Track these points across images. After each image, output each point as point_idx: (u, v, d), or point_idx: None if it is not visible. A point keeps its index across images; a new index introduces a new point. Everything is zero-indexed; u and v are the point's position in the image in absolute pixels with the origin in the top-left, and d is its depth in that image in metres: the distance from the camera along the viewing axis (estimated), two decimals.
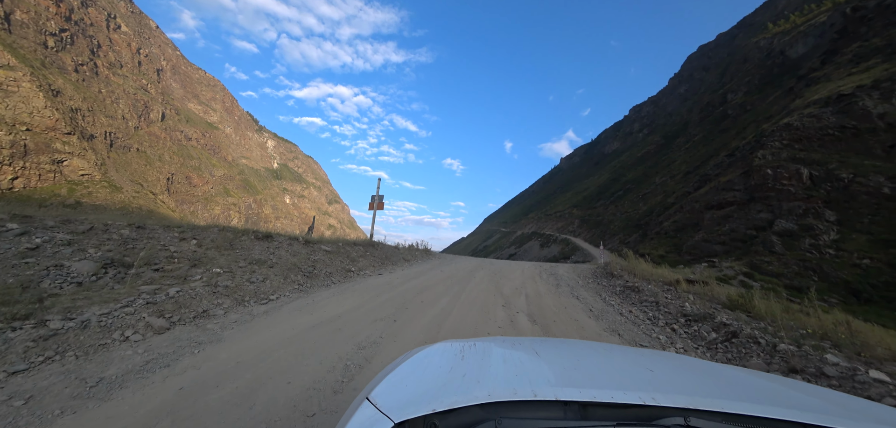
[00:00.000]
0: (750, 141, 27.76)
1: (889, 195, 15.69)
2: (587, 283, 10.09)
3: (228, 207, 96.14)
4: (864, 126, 19.25)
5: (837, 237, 14.87)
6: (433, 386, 0.92)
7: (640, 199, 56.37)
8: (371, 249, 11.68)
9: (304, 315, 4.75)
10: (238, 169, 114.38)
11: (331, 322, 4.55)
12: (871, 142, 18.60)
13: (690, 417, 0.78)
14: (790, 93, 42.27)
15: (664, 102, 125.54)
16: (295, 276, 6.75)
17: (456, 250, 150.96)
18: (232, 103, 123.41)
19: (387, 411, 0.78)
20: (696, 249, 19.44)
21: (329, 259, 8.86)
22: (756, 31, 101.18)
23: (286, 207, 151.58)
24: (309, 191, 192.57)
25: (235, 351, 3.44)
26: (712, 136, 62.70)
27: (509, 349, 1.25)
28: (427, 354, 1.19)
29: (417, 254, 13.86)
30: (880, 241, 14.13)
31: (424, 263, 11.77)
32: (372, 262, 10.09)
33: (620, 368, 1.19)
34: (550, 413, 0.78)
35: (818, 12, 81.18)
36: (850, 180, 16.98)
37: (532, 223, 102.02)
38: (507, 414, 0.76)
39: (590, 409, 0.79)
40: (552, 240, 66.12)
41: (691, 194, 28.07)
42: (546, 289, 8.61)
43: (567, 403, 0.80)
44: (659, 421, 0.77)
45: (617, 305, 7.34)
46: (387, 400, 0.84)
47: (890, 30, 27.68)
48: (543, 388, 0.84)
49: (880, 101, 19.78)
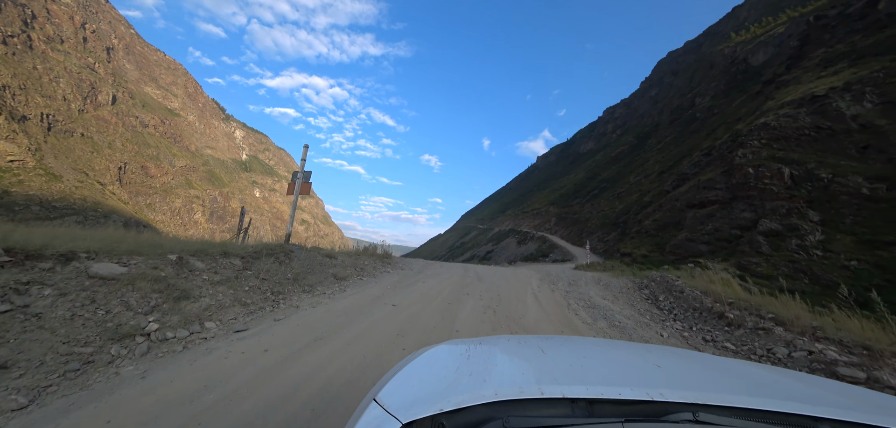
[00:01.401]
0: (726, 140, 28.10)
1: (868, 196, 15.78)
2: (644, 315, 6.77)
3: (191, 201, 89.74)
4: (838, 127, 19.54)
5: (823, 238, 14.74)
6: (440, 386, 0.90)
7: (616, 198, 57.28)
8: (279, 261, 6.61)
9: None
10: (202, 160, 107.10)
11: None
12: (846, 142, 18.87)
13: (699, 412, 0.77)
14: (757, 96, 43.94)
15: (636, 105, 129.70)
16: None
17: (432, 248, 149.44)
18: (196, 89, 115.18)
19: (394, 412, 0.77)
20: (679, 249, 19.08)
21: (211, 287, 4.69)
22: (720, 39, 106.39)
23: (255, 201, 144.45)
24: (280, 184, 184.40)
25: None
26: (683, 138, 64.85)
27: (515, 347, 1.23)
28: (433, 354, 1.18)
29: (366, 264, 8.89)
30: (865, 241, 14.07)
31: (371, 286, 7.10)
32: (260, 296, 5.10)
33: (627, 363, 1.17)
34: (558, 410, 0.78)
35: (775, 24, 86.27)
36: (829, 180, 17.04)
37: (509, 220, 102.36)
38: (514, 412, 0.76)
39: (597, 405, 0.79)
40: (529, 237, 66.16)
41: (670, 193, 28.11)
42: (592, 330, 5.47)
43: (574, 400, 0.79)
44: (667, 417, 0.76)
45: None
46: (394, 400, 0.83)
47: (852, 37, 28.81)
48: (550, 385, 0.83)
49: (852, 103, 20.19)
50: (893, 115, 18.68)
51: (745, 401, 0.81)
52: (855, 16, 31.24)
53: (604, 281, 10.21)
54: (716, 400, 0.80)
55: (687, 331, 5.94)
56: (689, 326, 6.17)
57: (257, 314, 4.57)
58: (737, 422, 0.77)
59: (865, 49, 25.91)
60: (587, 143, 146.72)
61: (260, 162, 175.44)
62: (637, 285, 9.42)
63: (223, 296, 4.63)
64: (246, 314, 4.48)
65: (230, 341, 3.64)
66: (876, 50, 25.03)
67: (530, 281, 9.57)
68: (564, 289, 8.71)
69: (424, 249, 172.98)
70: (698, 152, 39.98)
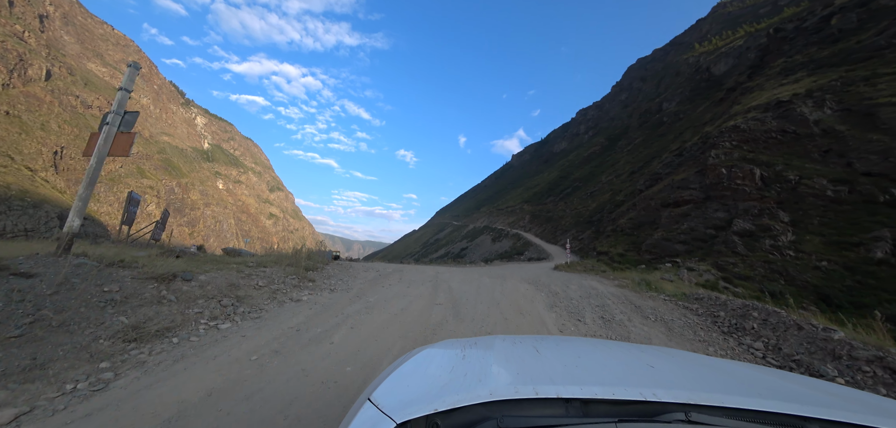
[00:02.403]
0: (696, 142, 28.80)
1: (833, 198, 16.29)
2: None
3: (143, 191, 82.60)
4: (802, 131, 20.26)
5: (794, 238, 14.98)
6: (435, 386, 0.90)
7: (589, 197, 58.41)
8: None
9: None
10: (157, 147, 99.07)
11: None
12: (810, 146, 19.57)
13: (691, 411, 0.78)
14: (721, 102, 46.02)
15: (608, 107, 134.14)
16: None
17: (406, 244, 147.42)
18: (150, 69, 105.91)
19: (389, 412, 0.78)
20: (656, 248, 19.05)
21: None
22: (685, 49, 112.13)
23: (218, 193, 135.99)
24: (247, 176, 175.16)
25: None
26: (651, 140, 67.34)
27: (510, 347, 1.24)
28: (428, 355, 1.18)
29: (250, 292, 5.34)
30: (832, 242, 14.40)
31: (194, 361, 3.24)
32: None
33: (621, 364, 1.18)
34: (552, 410, 0.79)
35: (734, 38, 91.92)
36: (797, 182, 17.51)
37: (484, 217, 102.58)
38: (509, 412, 0.76)
39: (591, 405, 0.80)
40: (504, 234, 66.24)
41: (644, 192, 28.48)
42: None
43: (569, 400, 0.80)
44: (660, 416, 0.77)
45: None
46: (389, 400, 0.84)
47: (809, 49, 30.45)
48: (545, 385, 0.84)
49: (815, 109, 21.03)
50: (851, 121, 19.58)
51: (736, 401, 0.82)
52: (811, 29, 33.14)
53: (626, 299, 7.47)
54: (707, 400, 0.82)
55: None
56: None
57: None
58: (728, 421, 0.78)
59: (822, 60, 27.38)
60: (560, 143, 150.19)
61: (224, 152, 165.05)
62: (682, 309, 6.84)
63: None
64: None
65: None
66: (831, 61, 26.48)
67: (534, 305, 6.44)
68: (596, 317, 5.98)
69: (398, 245, 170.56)
70: (668, 154, 41.24)
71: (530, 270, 14.16)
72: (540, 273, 12.40)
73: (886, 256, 13.01)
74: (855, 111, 19.75)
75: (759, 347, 4.94)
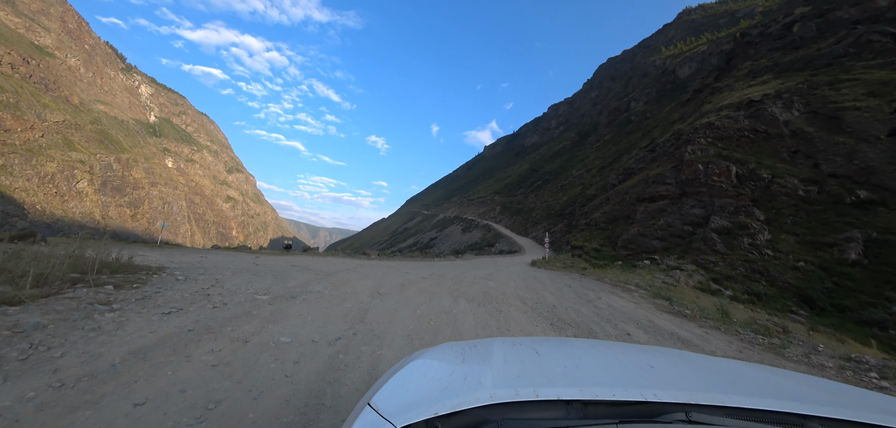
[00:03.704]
0: (669, 138, 28.85)
1: (804, 197, 16.28)
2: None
3: (71, 166, 73.25)
4: (773, 131, 20.39)
5: (771, 237, 14.70)
6: (435, 389, 0.89)
7: (560, 190, 58.72)
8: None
9: None
10: (90, 116, 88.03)
11: None
12: (779, 146, 19.70)
13: (692, 412, 0.78)
14: (687, 103, 47.39)
15: (578, 104, 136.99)
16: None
17: (374, 233, 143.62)
18: (80, 26, 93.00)
19: (389, 416, 0.77)
20: (632, 243, 18.43)
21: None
22: (652, 52, 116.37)
23: (167, 172, 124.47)
24: (201, 155, 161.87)
25: None
26: (620, 137, 68.93)
27: (510, 349, 1.23)
28: (428, 358, 1.18)
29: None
30: (806, 242, 14.24)
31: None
32: None
33: (621, 365, 1.17)
34: (553, 412, 0.78)
35: (697, 44, 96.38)
36: (770, 181, 17.43)
37: (455, 207, 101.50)
38: (509, 415, 0.76)
39: (592, 407, 0.79)
40: (474, 225, 65.40)
41: (617, 186, 28.19)
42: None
43: (569, 401, 0.80)
44: (661, 417, 0.77)
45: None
46: (388, 405, 0.83)
47: (773, 53, 31.41)
48: (545, 387, 0.83)
49: (784, 110, 21.26)
50: (818, 123, 19.91)
51: (736, 400, 0.81)
52: (775, 35, 34.32)
53: (670, 333, 5.32)
54: (708, 400, 0.81)
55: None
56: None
57: None
58: (729, 421, 0.78)
59: (786, 64, 28.21)
60: (532, 137, 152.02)
61: (174, 127, 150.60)
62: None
63: None
64: None
65: None
66: (795, 66, 27.29)
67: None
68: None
69: (366, 234, 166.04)
70: (638, 150, 41.79)
71: (506, 268, 12.69)
72: (520, 274, 10.87)
73: (859, 257, 12.91)
74: (821, 114, 20.11)
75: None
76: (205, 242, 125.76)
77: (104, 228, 74.52)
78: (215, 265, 7.36)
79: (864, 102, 18.71)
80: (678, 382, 1.01)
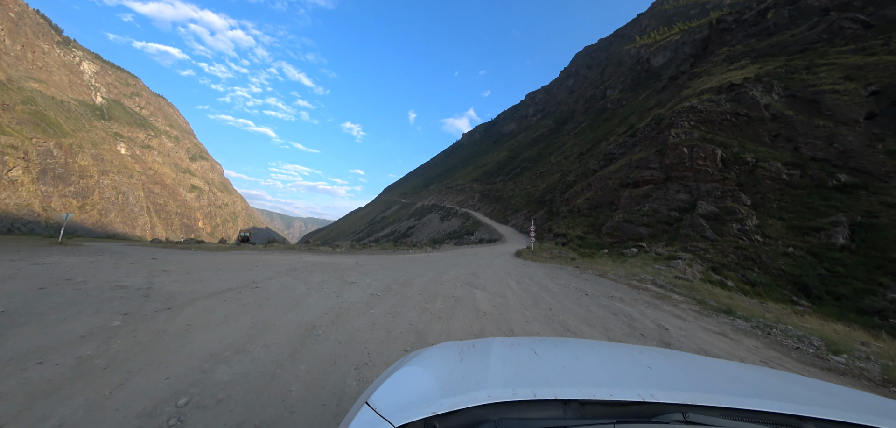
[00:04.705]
0: (649, 123, 28.44)
1: (788, 181, 15.98)
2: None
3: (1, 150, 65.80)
4: (754, 114, 20.13)
5: (759, 222, 14.22)
6: (433, 388, 0.89)
7: (538, 177, 58.33)
8: None
9: None
10: (21, 95, 79.03)
11: None
12: (761, 130, 19.45)
13: (689, 412, 0.78)
14: (663, 90, 47.77)
15: (555, 92, 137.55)
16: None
17: (351, 222, 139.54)
18: None
19: (387, 415, 0.77)
20: (617, 231, 17.67)
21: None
22: (627, 41, 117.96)
23: (120, 159, 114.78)
24: (159, 141, 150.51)
25: None
26: (597, 124, 69.33)
27: (508, 349, 1.23)
28: (426, 357, 1.17)
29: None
30: (793, 227, 13.86)
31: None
32: None
33: (618, 365, 1.17)
34: (550, 412, 0.79)
35: (670, 33, 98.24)
36: (754, 164, 17.06)
37: (433, 196, 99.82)
38: (507, 414, 0.77)
39: (589, 407, 0.80)
40: (452, 213, 64.20)
41: (598, 172, 27.59)
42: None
43: (567, 401, 0.80)
44: (658, 417, 0.77)
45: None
46: (386, 404, 0.83)
47: (749, 40, 31.58)
48: (542, 387, 0.83)
49: (764, 93, 21.06)
50: (797, 107, 19.80)
51: (733, 401, 0.82)
52: (750, 22, 34.60)
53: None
54: (705, 400, 0.81)
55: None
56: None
57: None
58: (725, 422, 0.78)
59: (762, 50, 28.32)
60: (509, 125, 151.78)
61: (126, 110, 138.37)
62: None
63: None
64: None
65: None
66: (770, 52, 27.42)
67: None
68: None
69: (342, 223, 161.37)
70: (617, 136, 41.67)
71: (491, 262, 11.35)
72: (509, 269, 9.52)
73: (846, 242, 12.59)
74: (800, 98, 20.00)
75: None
76: (167, 234, 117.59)
77: (46, 221, 67.50)
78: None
79: (842, 86, 18.68)
80: (675, 382, 1.00)
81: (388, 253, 13.78)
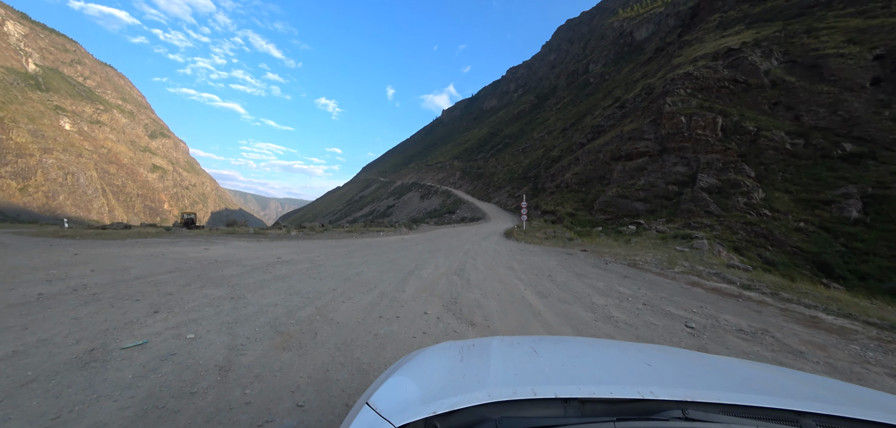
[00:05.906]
0: (640, 93, 26.90)
1: (791, 151, 14.85)
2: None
3: None
4: (753, 81, 18.85)
5: (765, 196, 12.98)
6: (433, 388, 0.89)
7: (521, 153, 56.68)
8: None
9: None
10: None
11: None
12: (760, 98, 18.22)
13: (689, 409, 0.78)
14: (648, 62, 46.44)
15: (537, 67, 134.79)
16: None
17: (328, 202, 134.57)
18: None
19: (387, 416, 0.77)
20: (611, 206, 16.19)
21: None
22: (609, 14, 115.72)
23: (65, 136, 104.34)
24: (111, 116, 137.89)
25: None
26: (580, 99, 67.82)
27: (508, 349, 1.23)
28: (426, 357, 1.17)
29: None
30: (801, 200, 12.73)
31: None
32: None
33: (618, 363, 1.18)
34: (550, 411, 0.79)
35: (654, 5, 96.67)
36: (756, 134, 15.84)
37: (412, 173, 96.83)
38: (507, 413, 0.77)
39: (589, 405, 0.80)
40: (433, 191, 62.05)
41: (586, 145, 26.03)
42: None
43: (567, 400, 0.80)
44: (658, 415, 0.78)
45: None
46: (387, 404, 0.83)
47: (742, 5, 30.24)
48: (542, 386, 0.84)
49: (763, 58, 19.76)
50: (797, 72, 18.61)
51: (732, 397, 0.82)
52: None
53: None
54: (704, 397, 0.82)
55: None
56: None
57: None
58: (725, 418, 0.78)
59: (756, 15, 27.04)
60: (491, 101, 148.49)
61: (66, 79, 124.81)
62: None
63: None
64: None
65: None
66: (766, 16, 26.17)
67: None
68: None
69: (320, 203, 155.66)
70: (602, 109, 40.24)
71: (479, 245, 9.40)
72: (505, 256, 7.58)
73: (860, 215, 11.52)
74: (800, 62, 18.82)
75: None
76: (128, 217, 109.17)
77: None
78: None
79: (846, 49, 17.54)
80: (675, 379, 1.00)
81: (353, 236, 11.62)
